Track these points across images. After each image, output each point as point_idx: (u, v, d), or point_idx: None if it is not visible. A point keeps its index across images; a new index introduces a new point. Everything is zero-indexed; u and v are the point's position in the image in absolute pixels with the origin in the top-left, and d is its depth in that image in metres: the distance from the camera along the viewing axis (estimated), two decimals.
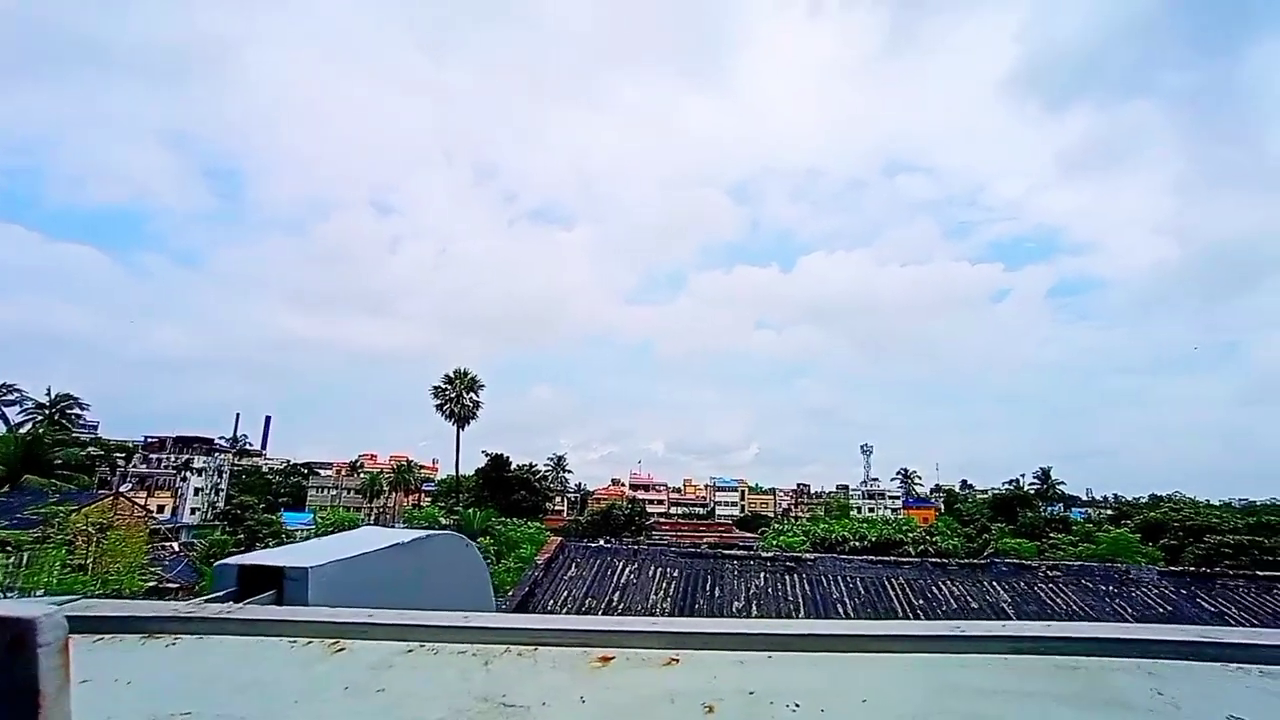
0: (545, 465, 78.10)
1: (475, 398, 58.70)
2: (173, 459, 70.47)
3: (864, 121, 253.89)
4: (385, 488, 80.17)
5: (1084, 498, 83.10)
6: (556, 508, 77.78)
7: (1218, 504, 48.50)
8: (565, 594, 11.24)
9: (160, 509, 57.01)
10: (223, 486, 68.64)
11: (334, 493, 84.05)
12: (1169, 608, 12.31)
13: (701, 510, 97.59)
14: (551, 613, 10.44)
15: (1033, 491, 69.77)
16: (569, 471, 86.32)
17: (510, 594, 11.13)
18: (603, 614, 10.82)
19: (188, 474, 66.08)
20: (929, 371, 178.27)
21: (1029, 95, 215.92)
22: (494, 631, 0.74)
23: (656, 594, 12.28)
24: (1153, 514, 41.34)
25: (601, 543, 16.29)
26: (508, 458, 55.34)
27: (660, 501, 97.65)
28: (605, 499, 73.33)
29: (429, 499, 69.84)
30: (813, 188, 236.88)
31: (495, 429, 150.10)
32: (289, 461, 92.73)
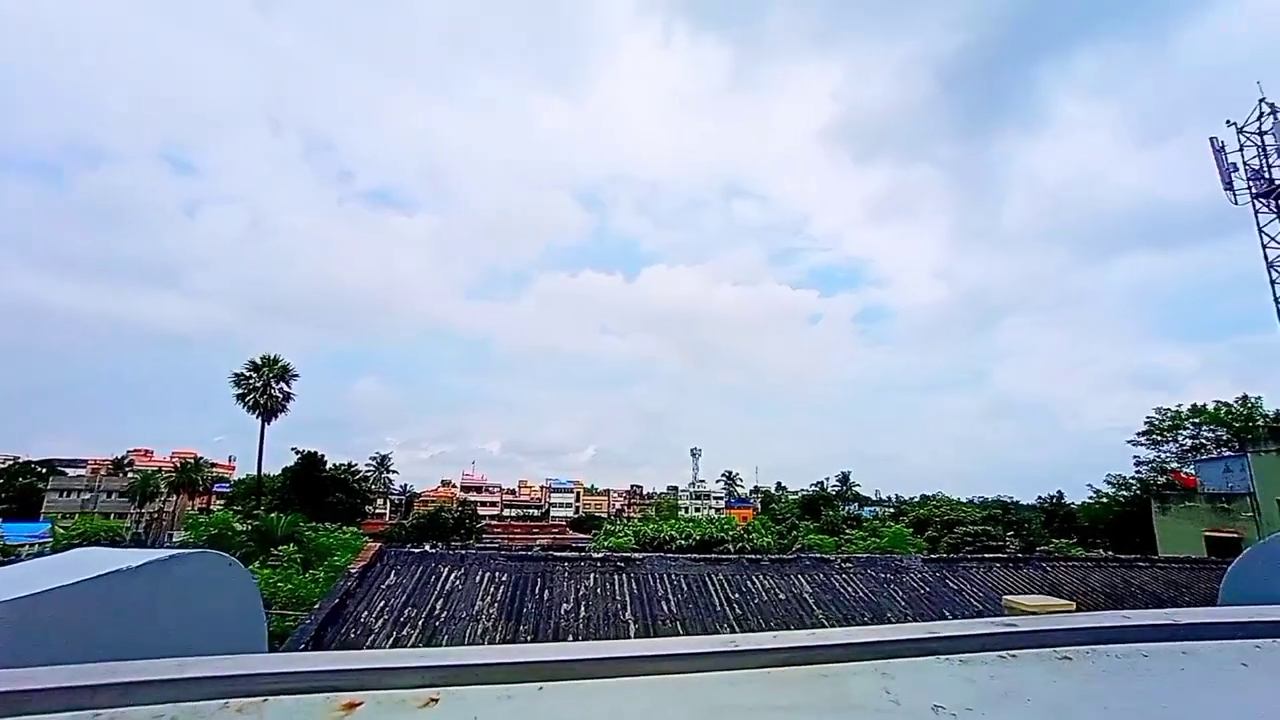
0: (367, 465, 71.76)
1: (286, 388, 51.91)
2: None
3: (707, 146, 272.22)
4: (163, 489, 67.61)
5: (874, 497, 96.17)
6: (378, 511, 71.73)
7: (965, 501, 59.23)
8: (382, 604, 10.37)
9: None
10: None
11: (87, 496, 68.85)
12: (928, 589, 14.74)
13: (536, 512, 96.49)
14: (364, 626, 9.57)
15: (834, 492, 79.69)
16: (394, 472, 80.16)
17: (317, 607, 9.99)
18: (423, 623, 10.17)
19: None
20: (753, 382, 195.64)
21: (842, 145, 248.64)
22: (208, 684, 0.56)
23: (483, 600, 11.84)
24: (921, 511, 49.43)
25: (426, 547, 15.32)
26: (322, 456, 49.86)
27: (493, 503, 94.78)
28: (434, 501, 69.28)
29: (221, 502, 60.39)
30: (657, 202, 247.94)
31: (310, 425, 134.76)
32: (17, 459, 74.29)
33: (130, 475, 73.19)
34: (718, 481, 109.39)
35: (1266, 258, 27.97)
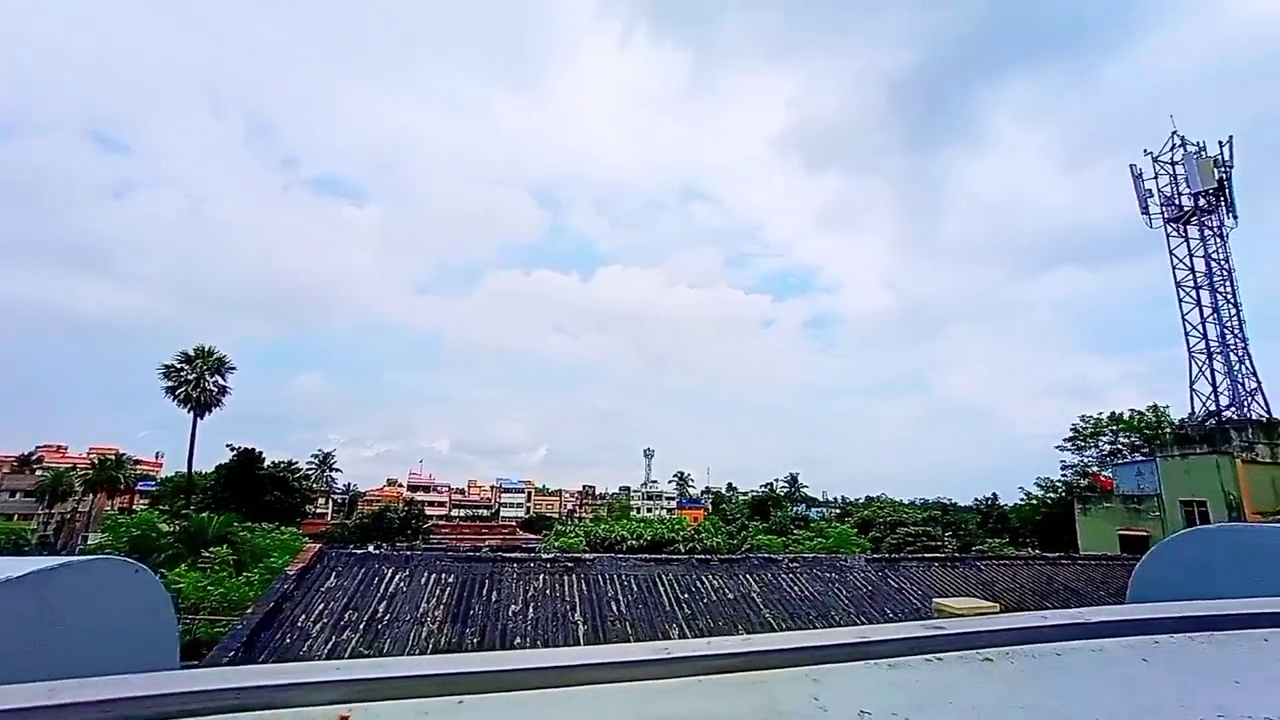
0: (309, 463, 68.98)
1: (222, 382, 49.26)
2: None
3: (665, 148, 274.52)
4: (77, 488, 63.02)
5: (821, 499, 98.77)
6: (320, 510, 69.05)
7: (907, 503, 61.58)
8: (321, 607, 9.98)
9: None
10: None
11: None
12: (870, 587, 15.24)
13: (486, 512, 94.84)
14: (301, 630, 9.18)
15: (783, 494, 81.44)
16: (337, 470, 77.32)
17: (250, 611, 9.52)
18: (364, 627, 9.84)
19: None
20: (706, 384, 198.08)
21: (796, 154, 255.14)
22: (82, 711, 0.50)
23: (428, 602, 11.54)
24: (865, 512, 51.10)
25: (370, 548, 14.84)
26: (260, 453, 47.55)
27: (441, 503, 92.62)
28: (379, 500, 67.08)
29: (146, 501, 56.78)
30: (615, 202, 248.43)
31: (247, 420, 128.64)
32: None
33: (40, 473, 67.94)
34: (670, 482, 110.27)
35: (1175, 278, 30.24)
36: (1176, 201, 30.50)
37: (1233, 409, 27.93)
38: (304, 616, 9.50)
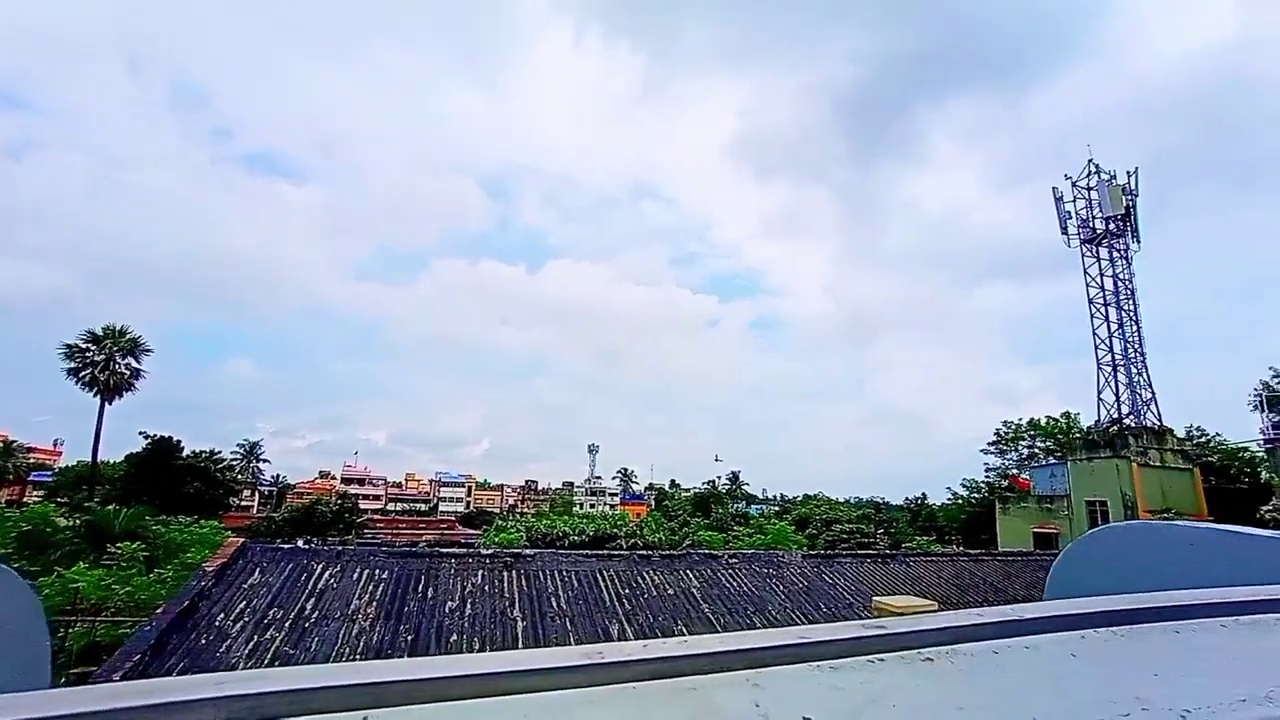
0: (234, 453, 65.10)
1: (135, 364, 45.59)
2: None
3: (618, 146, 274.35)
4: None
5: (761, 496, 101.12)
6: (245, 503, 65.35)
7: (842, 501, 63.84)
8: (243, 605, 9.43)
9: None
10: None
11: None
12: (806, 583, 15.72)
13: (424, 506, 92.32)
14: (219, 630, 8.64)
15: (725, 491, 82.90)
16: (265, 461, 73.27)
17: (160, 612, 8.89)
18: (291, 625, 9.37)
19: None
20: (652, 381, 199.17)
21: (744, 161, 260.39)
22: None
23: (360, 599, 11.11)
24: (803, 510, 52.71)
25: (299, 543, 14.15)
26: (179, 442, 44.55)
27: (377, 497, 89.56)
28: (310, 493, 64.10)
29: (41, 493, 52.23)
30: (565, 196, 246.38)
31: (165, 407, 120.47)
32: None
33: None
34: (614, 478, 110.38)
35: (1089, 295, 32.60)
36: (1091, 224, 32.84)
37: (1132, 417, 30.37)
38: (223, 616, 8.97)
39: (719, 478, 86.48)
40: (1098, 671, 0.57)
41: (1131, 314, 31.56)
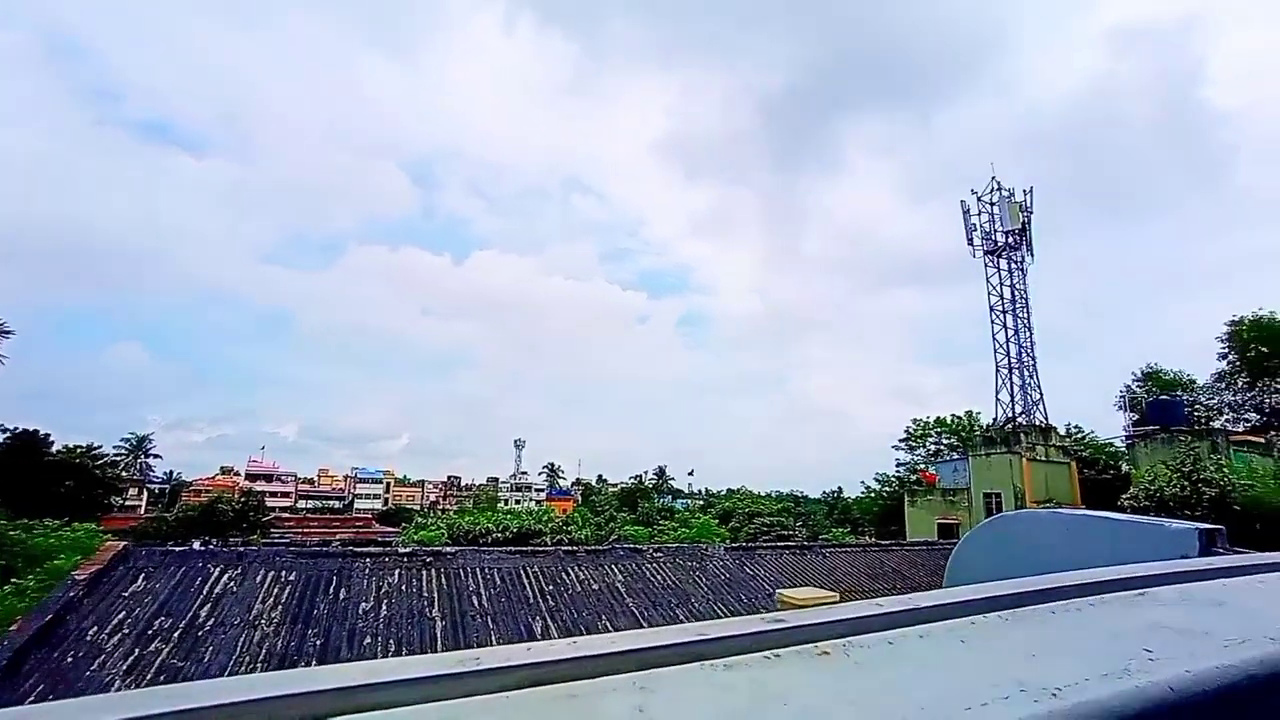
0: (117, 448, 59.42)
1: None
2: None
3: (549, 137, 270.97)
4: None
5: (687, 490, 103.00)
6: (131, 503, 59.67)
7: (764, 494, 66.09)
8: (122, 615, 8.58)
9: None
10: None
11: None
12: (728, 575, 16.13)
13: (338, 504, 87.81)
14: (91, 644, 7.82)
15: (651, 485, 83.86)
16: (155, 456, 67.38)
17: (14, 629, 7.90)
18: (181, 635, 8.62)
19: None
20: (579, 376, 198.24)
21: (674, 160, 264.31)
22: None
23: (264, 603, 10.40)
24: (726, 503, 54.19)
25: (195, 544, 13.07)
26: (47, 436, 40.06)
27: (286, 494, 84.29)
28: (210, 491, 59.41)
29: None
30: (493, 185, 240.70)
31: (31, 397, 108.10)
32: None
33: None
34: (540, 474, 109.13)
35: (989, 303, 35.33)
36: (993, 237, 35.58)
37: (1024, 415, 33.23)
38: (96, 629, 8.11)
39: (646, 473, 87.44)
40: (983, 656, 0.58)
41: (1025, 321, 34.50)
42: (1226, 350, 36.61)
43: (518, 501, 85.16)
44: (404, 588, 12.63)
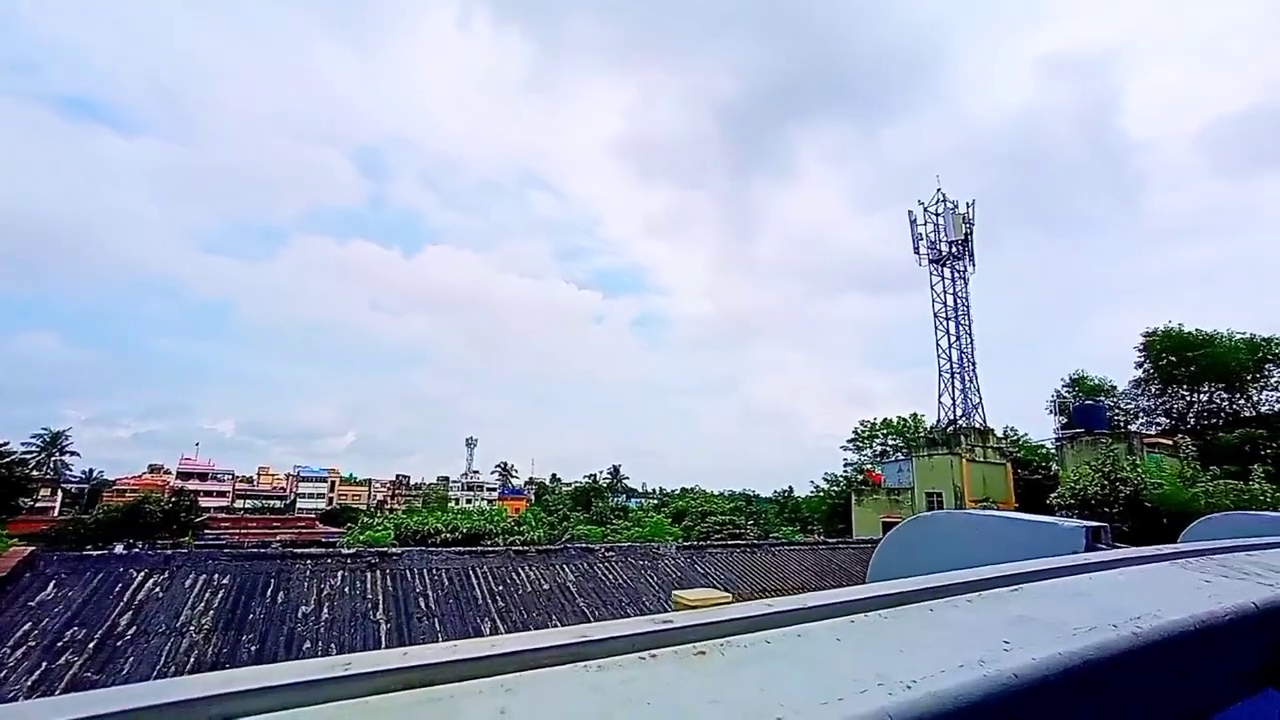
0: (28, 445, 55.35)
1: None
2: None
3: (505, 133, 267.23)
4: None
5: (641, 490, 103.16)
6: (44, 504, 55.59)
7: (717, 494, 66.82)
8: (28, 627, 8.00)
9: None
10: None
11: None
12: (679, 573, 16.26)
13: (279, 503, 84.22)
14: None
15: (605, 485, 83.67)
16: (73, 454, 63.04)
17: None
18: (96, 646, 8.11)
19: None
20: (535, 374, 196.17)
21: (630, 161, 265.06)
22: None
23: (193, 608, 9.88)
24: (680, 503, 54.58)
25: (118, 548, 12.31)
26: None
27: (223, 493, 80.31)
28: (136, 491, 55.96)
29: None
30: (447, 179, 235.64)
31: None
32: None
33: None
34: (493, 473, 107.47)
35: (934, 310, 36.82)
36: (938, 247, 37.08)
37: (964, 418, 34.76)
38: None
39: (600, 472, 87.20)
40: (853, 653, 0.61)
41: (967, 328, 36.10)
42: (1142, 359, 39.27)
43: (469, 501, 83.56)
44: (347, 590, 12.22)
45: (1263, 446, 25.67)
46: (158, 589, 10.22)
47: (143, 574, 10.36)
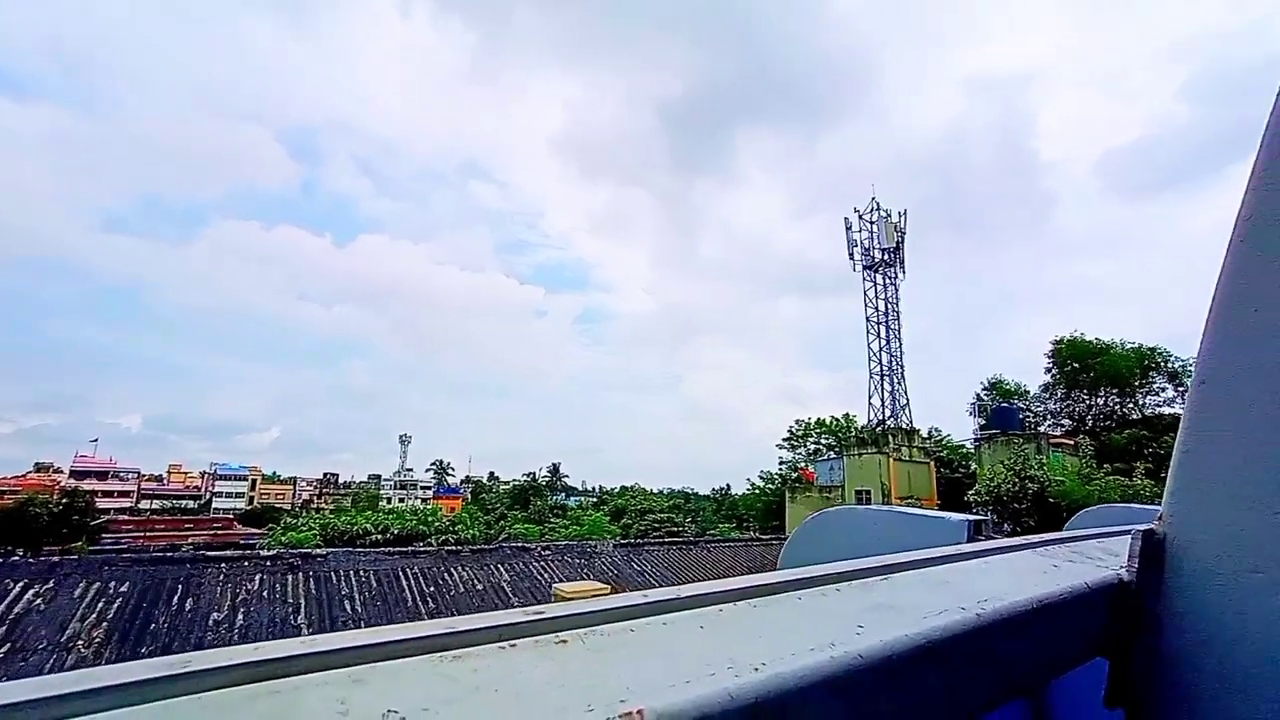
0: None
1: None
2: None
3: (447, 121, 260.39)
4: None
5: (581, 488, 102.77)
6: None
7: (656, 491, 67.47)
8: None
9: None
10: None
11: None
12: (616, 570, 16.31)
13: (193, 504, 78.78)
14: None
15: (544, 483, 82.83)
16: None
17: None
18: None
19: None
20: (474, 370, 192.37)
21: (572, 158, 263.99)
22: None
23: (81, 620, 9.11)
24: (619, 501, 54.69)
25: None
26: None
27: (126, 494, 74.31)
28: (19, 492, 50.78)
29: None
30: (384, 165, 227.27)
31: None
32: None
33: None
34: (428, 470, 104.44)
35: (866, 314, 38.50)
36: (871, 253, 38.77)
37: (892, 419, 36.52)
38: None
39: (539, 470, 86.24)
40: (713, 639, 0.63)
41: (896, 333, 37.92)
42: (1050, 365, 42.49)
43: (402, 501, 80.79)
44: (265, 594, 11.60)
45: (1146, 446, 28.37)
46: (39, 600, 9.35)
47: (21, 585, 9.46)
